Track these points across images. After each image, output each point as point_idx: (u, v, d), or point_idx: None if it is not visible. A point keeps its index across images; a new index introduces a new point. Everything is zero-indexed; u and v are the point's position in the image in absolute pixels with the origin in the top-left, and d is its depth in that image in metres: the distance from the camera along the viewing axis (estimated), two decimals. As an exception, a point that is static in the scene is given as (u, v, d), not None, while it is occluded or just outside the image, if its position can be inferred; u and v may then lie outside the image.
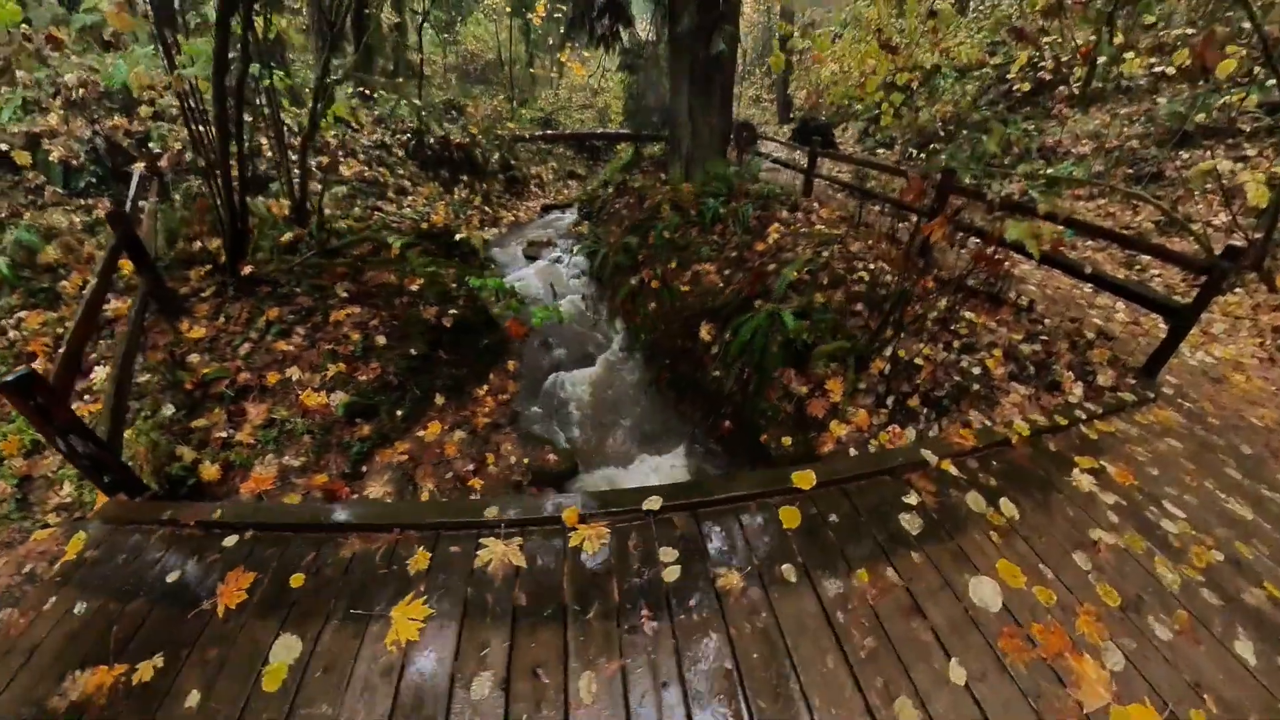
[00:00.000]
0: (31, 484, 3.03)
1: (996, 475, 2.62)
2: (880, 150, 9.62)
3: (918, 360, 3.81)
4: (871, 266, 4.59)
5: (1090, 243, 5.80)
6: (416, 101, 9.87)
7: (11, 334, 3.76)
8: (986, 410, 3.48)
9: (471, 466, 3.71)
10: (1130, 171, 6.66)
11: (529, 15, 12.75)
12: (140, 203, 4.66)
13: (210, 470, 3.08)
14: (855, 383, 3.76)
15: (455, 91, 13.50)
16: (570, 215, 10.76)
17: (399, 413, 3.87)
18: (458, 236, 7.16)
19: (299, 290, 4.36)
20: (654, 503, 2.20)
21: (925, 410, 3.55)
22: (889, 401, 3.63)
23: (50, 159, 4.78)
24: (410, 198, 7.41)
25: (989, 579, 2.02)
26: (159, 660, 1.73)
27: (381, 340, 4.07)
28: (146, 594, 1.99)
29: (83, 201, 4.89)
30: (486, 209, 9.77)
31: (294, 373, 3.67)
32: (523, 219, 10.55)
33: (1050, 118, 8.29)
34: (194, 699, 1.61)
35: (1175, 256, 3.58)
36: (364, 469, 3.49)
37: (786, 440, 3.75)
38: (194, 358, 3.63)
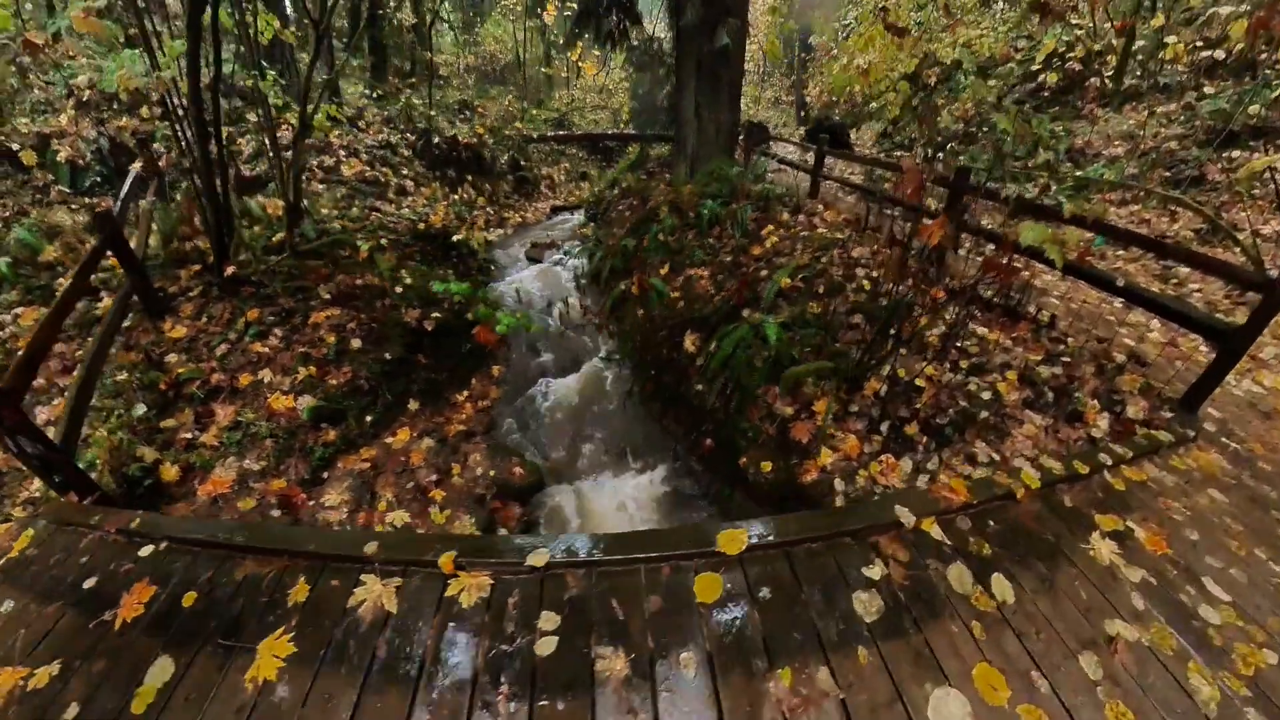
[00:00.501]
0: (5, 477, 3.13)
1: (993, 540, 2.18)
2: (899, 152, 9.22)
3: (919, 381, 3.54)
4: (875, 274, 4.32)
5: (1122, 252, 5.35)
6: (425, 101, 10.01)
7: (9, 329, 3.93)
8: (995, 442, 3.18)
9: (435, 477, 3.67)
10: (1168, 174, 6.14)
11: (542, 14, 12.82)
12: (140, 201, 4.83)
13: (170, 471, 3.13)
14: (846, 404, 3.53)
15: (474, 92, 13.71)
16: (578, 217, 10.74)
17: (368, 418, 3.86)
18: (455, 238, 7.20)
19: (283, 291, 4.42)
20: (539, 558, 1.95)
21: (925, 439, 3.29)
22: (883, 427, 3.38)
23: (58, 159, 5.01)
24: (411, 198, 7.51)
25: (958, 694, 1.59)
26: (55, 667, 1.73)
27: (357, 343, 4.08)
28: (64, 598, 2.00)
29: (87, 200, 5.12)
30: (493, 210, 9.84)
31: (266, 375, 3.71)
32: (530, 220, 10.59)
33: (1080, 117, 7.76)
34: (73, 711, 1.59)
35: (1220, 268, 3.15)
36: (325, 475, 3.49)
37: (766, 465, 3.56)
38: (172, 357, 3.71)
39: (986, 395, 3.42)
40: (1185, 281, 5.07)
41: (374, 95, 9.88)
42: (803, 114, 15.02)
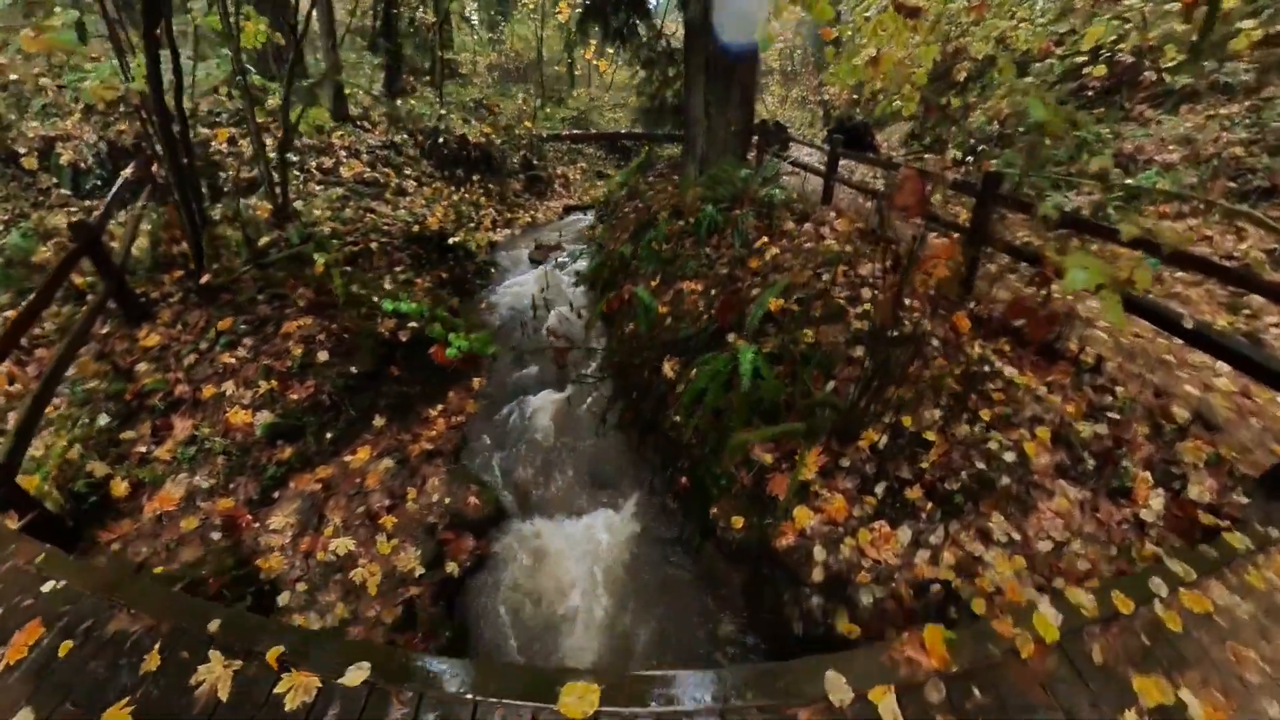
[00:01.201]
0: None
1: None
2: (927, 156, 8.60)
3: (928, 434, 3.11)
4: (881, 296, 3.91)
5: (1180, 274, 4.73)
6: (437, 100, 10.06)
7: None
8: (1017, 516, 2.75)
9: (388, 502, 3.60)
10: (1233, 185, 5.42)
11: (557, 12, 12.70)
12: (133, 207, 4.97)
13: (119, 487, 3.16)
14: (837, 456, 3.17)
15: (495, 91, 13.79)
16: (590, 217, 10.61)
17: (328, 435, 3.83)
18: (452, 240, 7.17)
19: (260, 298, 4.45)
20: (357, 676, 1.72)
21: (930, 506, 2.87)
22: (879, 488, 2.98)
23: (60, 162, 5.23)
24: (409, 198, 7.52)
25: None
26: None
27: (324, 356, 4.05)
28: (-32, 630, 1.97)
29: (88, 203, 5.33)
30: (501, 209, 9.81)
31: (229, 387, 3.72)
32: (541, 220, 10.52)
33: (1128, 119, 6.97)
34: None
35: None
36: (276, 495, 3.47)
37: (737, 521, 3.25)
38: (142, 366, 3.78)
39: (1010, 456, 2.95)
40: (1260, 313, 4.38)
41: (386, 94, 10.00)
42: (827, 113, 14.41)
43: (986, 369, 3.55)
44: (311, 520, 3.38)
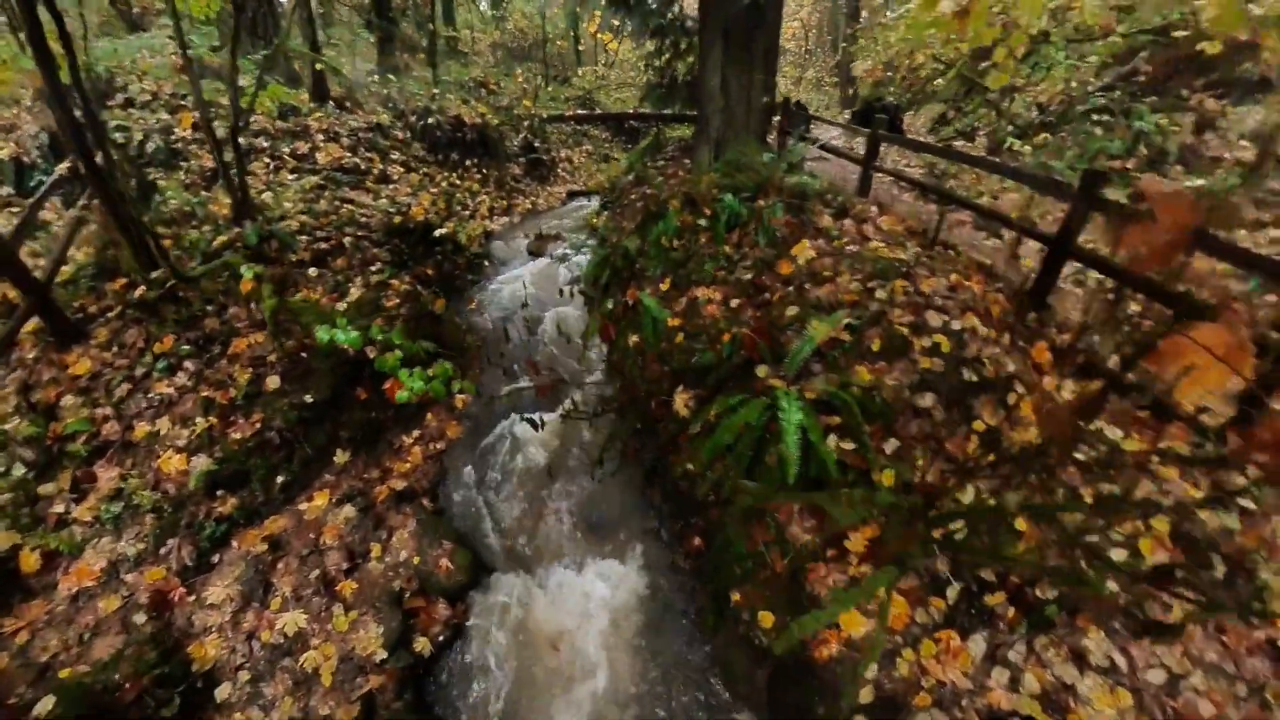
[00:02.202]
0: None
1: None
2: (959, 142, 7.59)
3: (1019, 521, 2.45)
4: (955, 323, 3.17)
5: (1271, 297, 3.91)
6: (430, 78, 9.34)
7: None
8: (1123, 635, 2.16)
9: (347, 564, 3.12)
10: None
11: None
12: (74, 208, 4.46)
13: (30, 560, 2.72)
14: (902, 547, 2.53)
15: (498, 69, 12.97)
16: (594, 203, 9.91)
17: (279, 479, 3.35)
18: (439, 231, 6.55)
19: (209, 309, 3.95)
20: None
21: (1011, 612, 2.28)
22: (950, 591, 2.38)
23: (1, 156, 4.73)
24: (393, 186, 6.91)
25: None
26: None
27: (274, 382, 3.54)
28: None
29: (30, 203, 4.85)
30: (499, 196, 9.15)
31: (164, 425, 3.24)
32: (542, 206, 9.86)
33: (1186, 109, 5.95)
34: None
35: None
36: (215, 558, 3.01)
37: (766, 618, 2.66)
38: (68, 400, 3.32)
39: (1119, 554, 2.33)
40: None
41: (377, 72, 9.31)
42: (851, 94, 13.21)
43: (1081, 423, 2.88)
44: (257, 590, 2.92)
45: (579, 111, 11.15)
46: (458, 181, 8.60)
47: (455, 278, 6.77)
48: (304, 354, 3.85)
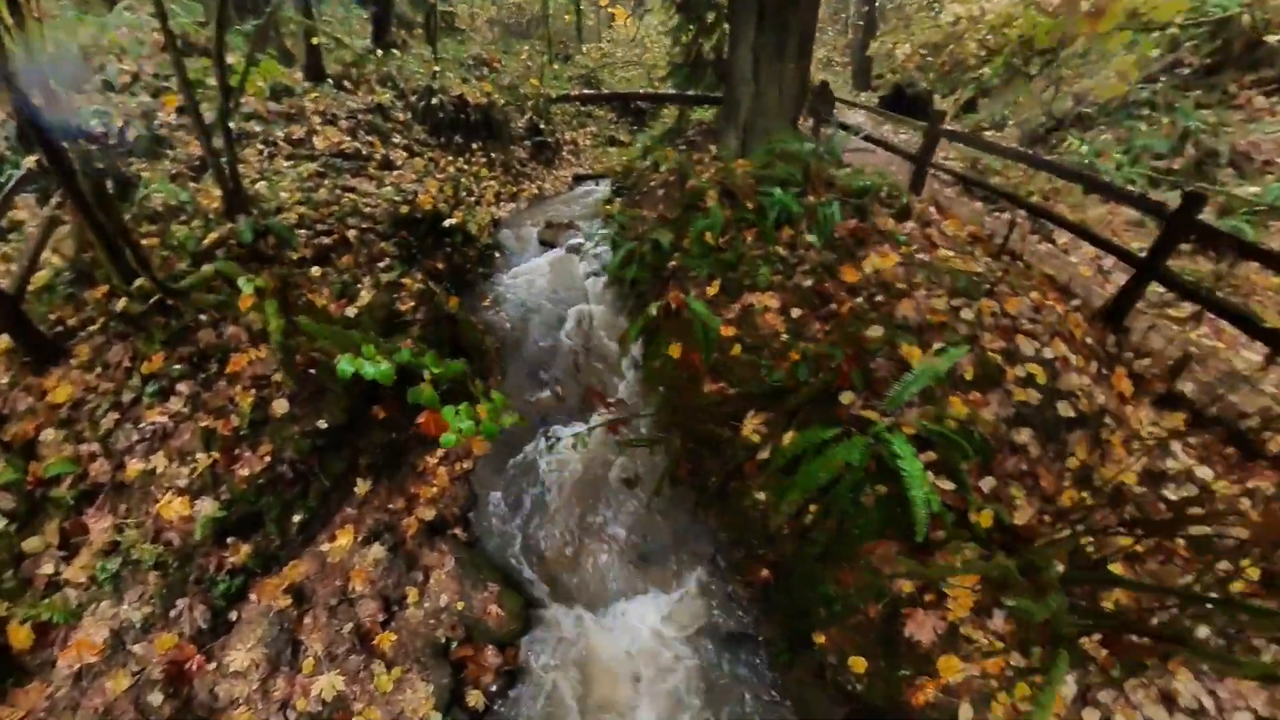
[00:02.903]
0: None
1: None
2: (987, 131, 6.98)
3: (1115, 564, 2.25)
4: (1047, 351, 2.79)
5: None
6: (430, 56, 8.47)
7: None
8: (1212, 678, 2.04)
9: (382, 615, 2.70)
10: None
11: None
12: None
13: (20, 634, 2.25)
14: (999, 587, 2.25)
15: (498, 46, 11.92)
16: (603, 188, 9.25)
17: (294, 519, 2.90)
18: (448, 222, 5.94)
19: (202, 319, 3.38)
20: None
21: (1105, 654, 2.07)
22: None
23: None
24: (398, 172, 6.22)
25: None
26: None
27: (281, 407, 3.03)
28: None
29: (-11, 197, 4.16)
30: (505, 180, 8.45)
31: (159, 462, 2.74)
32: (549, 191, 9.17)
33: (1233, 106, 5.46)
34: None
35: None
36: (233, 616, 2.57)
37: (858, 663, 2.39)
38: (48, 435, 2.79)
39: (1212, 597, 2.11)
40: None
41: (373, 49, 8.39)
42: (869, 79, 12.35)
43: (1170, 463, 2.58)
44: (284, 651, 2.50)
45: (585, 91, 10.26)
46: (464, 166, 7.88)
47: (466, 271, 6.19)
48: (313, 370, 3.33)
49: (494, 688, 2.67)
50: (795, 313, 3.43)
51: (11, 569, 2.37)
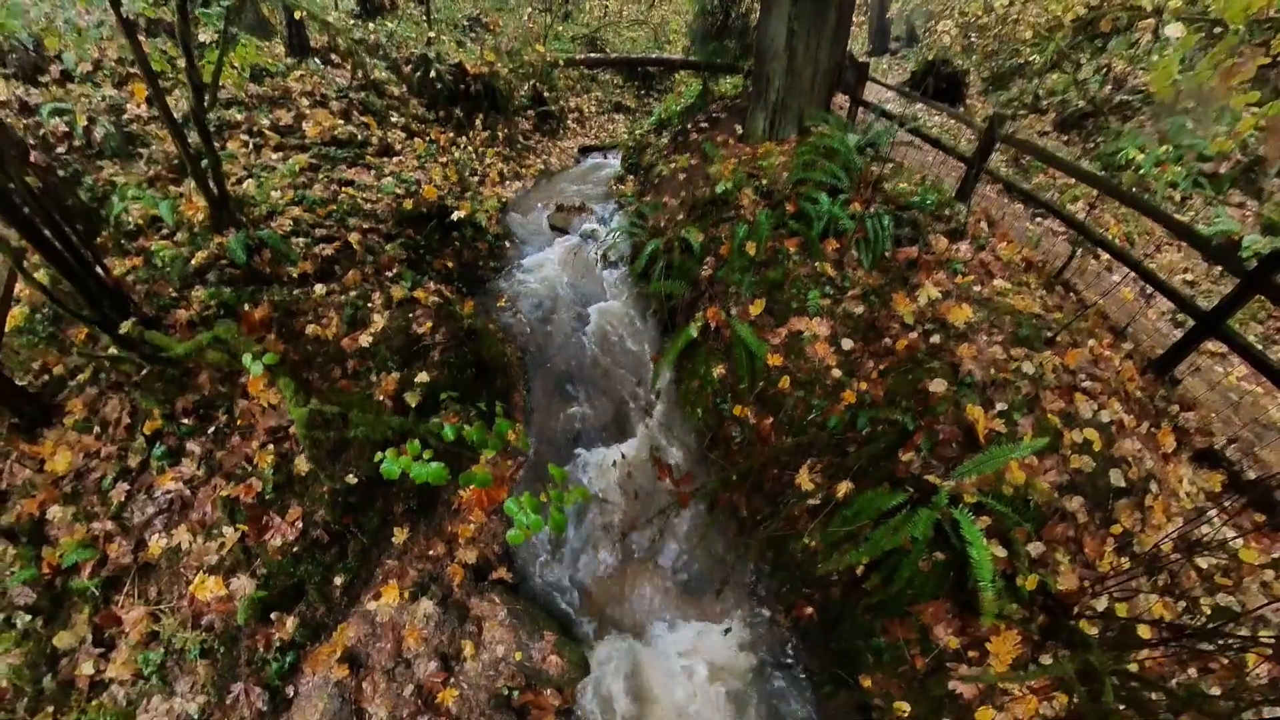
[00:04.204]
0: None
1: None
2: (1022, 113, 6.08)
3: (1143, 628, 2.12)
4: (1104, 414, 2.45)
5: None
6: (424, 19, 7.21)
7: None
8: None
9: (440, 676, 2.49)
10: None
11: None
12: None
13: None
14: (1038, 645, 2.09)
15: (496, 2, 10.22)
16: (613, 162, 8.33)
17: (337, 581, 2.61)
18: (456, 215, 5.25)
19: (200, 361, 2.89)
20: None
21: (1131, 714, 1.93)
22: (1075, 690, 2.00)
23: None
24: (397, 158, 5.40)
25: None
26: None
27: (304, 465, 2.65)
28: None
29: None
30: (509, 156, 7.53)
31: (183, 538, 2.39)
32: (554, 166, 8.25)
33: None
34: None
35: None
36: (290, 692, 2.34)
37: (902, 708, 2.28)
38: (55, 513, 2.40)
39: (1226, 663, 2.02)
40: None
41: (361, 14, 7.08)
42: (889, 40, 10.84)
43: (1206, 530, 2.35)
44: (349, 718, 2.31)
45: (591, 55, 8.93)
46: (463, 142, 6.95)
47: (477, 266, 5.56)
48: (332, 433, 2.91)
49: (554, 727, 2.55)
50: (846, 344, 3.01)
51: (49, 671, 2.08)
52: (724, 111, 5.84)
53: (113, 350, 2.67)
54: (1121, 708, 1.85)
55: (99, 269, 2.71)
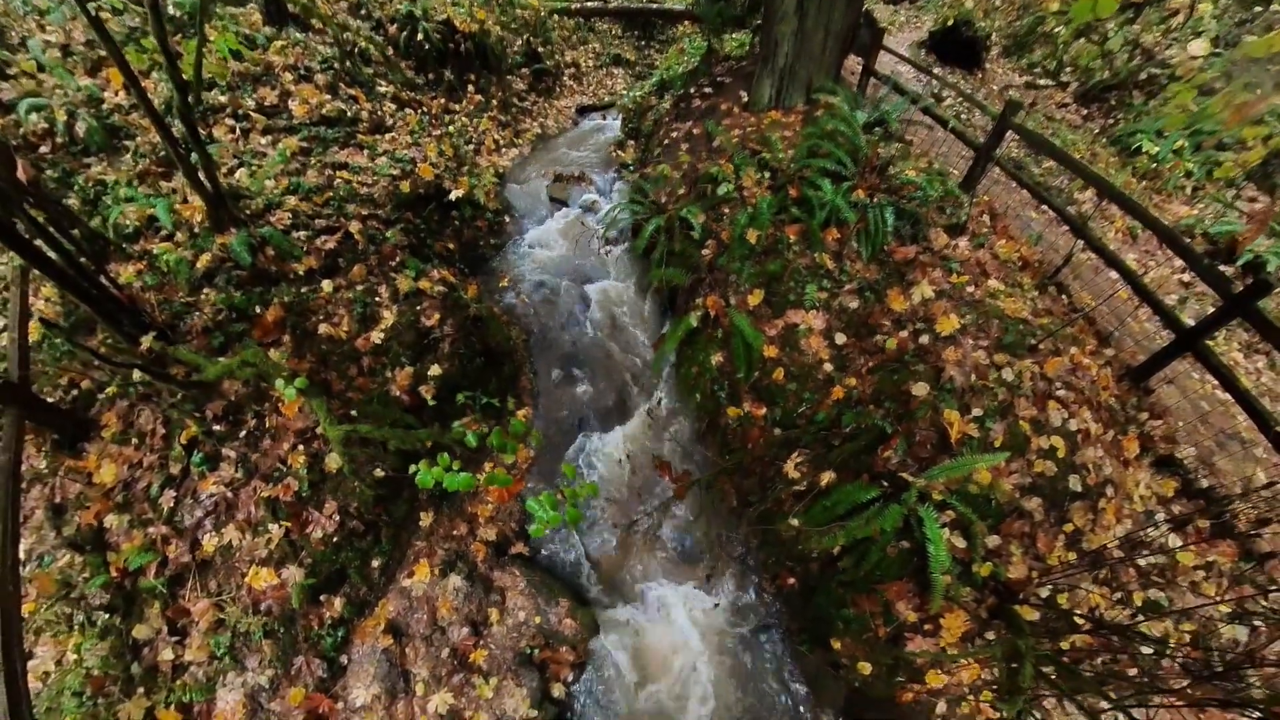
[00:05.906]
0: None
1: None
2: (1043, 83, 5.18)
3: (1079, 616, 2.19)
4: (1073, 423, 2.35)
5: None
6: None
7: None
8: (1136, 709, 1.94)
9: (471, 639, 2.68)
10: None
11: None
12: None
13: (169, 718, 2.17)
14: (984, 624, 2.21)
15: None
16: (612, 124, 7.55)
17: (374, 564, 2.72)
18: (454, 195, 4.86)
19: (220, 369, 2.81)
20: None
21: (1054, 674, 2.08)
22: (1015, 663, 2.15)
23: None
24: (390, 135, 4.87)
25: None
26: None
27: (334, 462, 2.66)
28: None
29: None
30: (505, 121, 6.82)
31: (233, 536, 2.46)
32: (551, 129, 7.50)
33: None
34: None
35: None
36: (344, 660, 2.53)
37: (864, 666, 2.49)
38: (111, 521, 2.45)
39: (1147, 649, 2.10)
40: None
41: None
42: None
43: (1152, 530, 2.34)
44: (397, 682, 2.51)
45: (588, 4, 7.72)
46: (455, 108, 6.25)
47: (477, 244, 5.23)
48: (352, 410, 2.86)
49: (570, 678, 2.79)
50: (840, 339, 2.85)
51: (134, 660, 2.23)
52: (729, 75, 5.13)
53: (144, 377, 2.57)
54: (1038, 686, 1.98)
55: (115, 290, 2.54)
